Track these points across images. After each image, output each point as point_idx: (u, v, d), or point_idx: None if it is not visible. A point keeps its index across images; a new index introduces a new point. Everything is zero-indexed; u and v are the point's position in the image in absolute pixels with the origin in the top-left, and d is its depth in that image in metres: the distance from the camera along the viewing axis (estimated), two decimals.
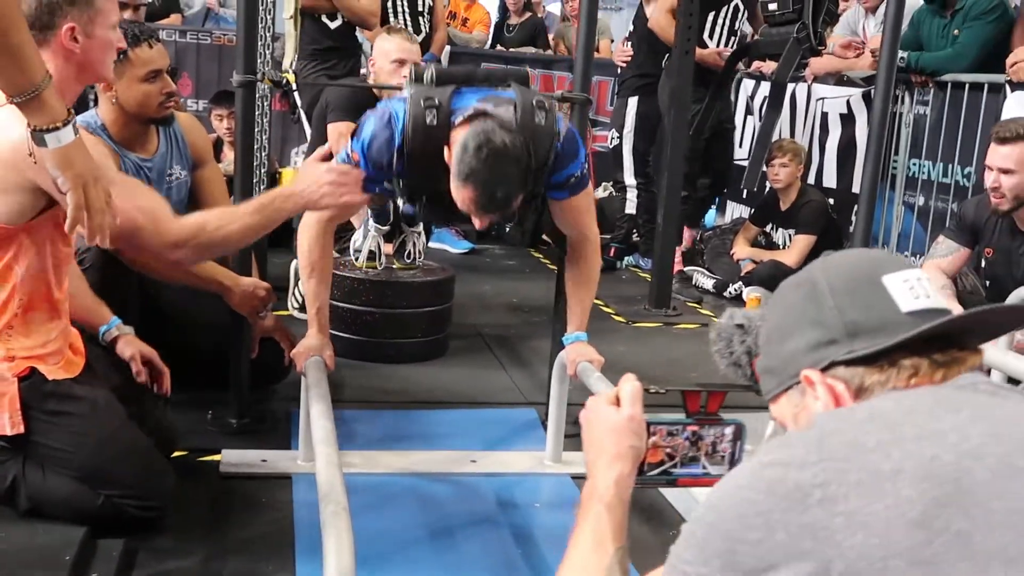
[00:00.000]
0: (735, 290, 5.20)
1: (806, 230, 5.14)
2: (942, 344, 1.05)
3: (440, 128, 2.44)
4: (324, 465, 1.77)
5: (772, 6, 3.62)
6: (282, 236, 4.98)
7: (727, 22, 4.95)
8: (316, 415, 2.09)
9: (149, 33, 2.81)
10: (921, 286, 1.08)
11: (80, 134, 1.58)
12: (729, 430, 1.45)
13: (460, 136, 2.37)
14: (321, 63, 4.96)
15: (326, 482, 1.71)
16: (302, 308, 4.11)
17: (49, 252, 2.15)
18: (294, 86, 3.03)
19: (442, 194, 2.43)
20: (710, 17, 4.83)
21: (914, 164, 5.19)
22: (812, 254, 5.03)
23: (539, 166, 2.43)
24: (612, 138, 5.66)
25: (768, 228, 5.52)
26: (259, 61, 2.91)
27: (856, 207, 4.95)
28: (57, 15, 2.14)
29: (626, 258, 5.83)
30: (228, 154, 5.21)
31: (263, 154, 3.58)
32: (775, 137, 5.20)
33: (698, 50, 4.62)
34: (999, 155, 3.27)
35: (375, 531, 2.31)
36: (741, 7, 4.98)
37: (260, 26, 2.89)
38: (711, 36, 4.93)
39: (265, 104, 3.43)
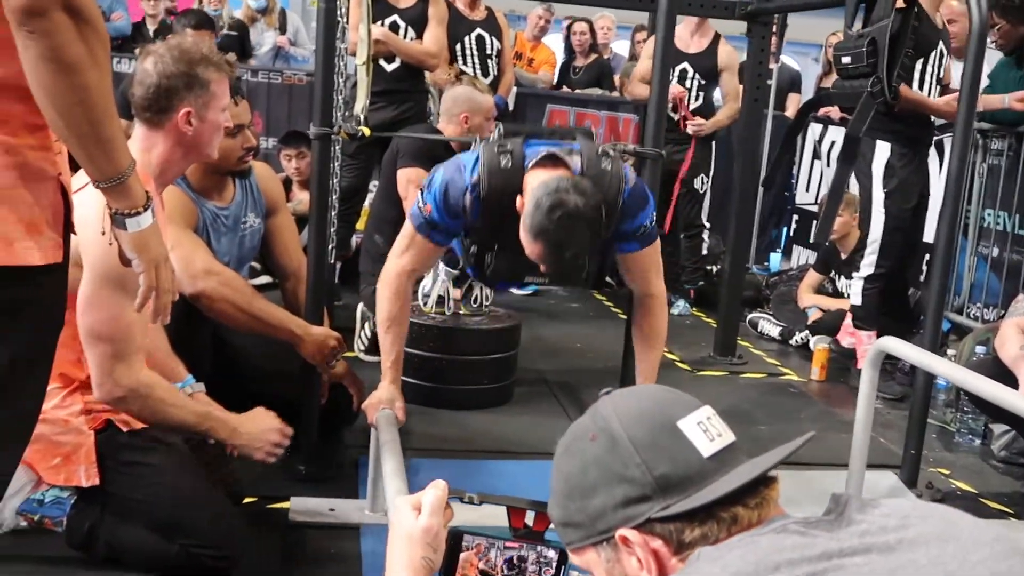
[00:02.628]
0: (802, 339, 5.14)
1: None
2: (749, 487, 1.08)
3: (515, 170, 2.48)
4: None
5: (845, 59, 3.57)
6: (349, 276, 5.05)
7: (935, 70, 4.21)
8: (389, 473, 2.09)
9: (236, 90, 2.86)
10: (712, 425, 1.12)
11: (156, 218, 1.61)
12: (553, 553, 1.37)
13: (534, 187, 2.40)
14: (370, 106, 4.96)
15: None
16: (368, 350, 4.18)
17: None
18: (368, 134, 3.05)
19: (514, 242, 2.46)
20: (918, 64, 4.12)
21: (988, 214, 5.10)
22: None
23: (608, 214, 2.44)
24: (703, 182, 5.65)
25: (832, 275, 5.44)
26: (335, 112, 2.95)
27: (928, 256, 4.90)
28: (175, 99, 2.23)
29: (680, 302, 5.78)
30: (297, 194, 5.28)
31: (335, 198, 3.63)
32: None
33: (930, 100, 4.16)
34: None
35: None
36: (945, 52, 4.29)
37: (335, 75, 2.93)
38: (920, 85, 4.18)
39: (337, 149, 3.48)
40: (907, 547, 1.01)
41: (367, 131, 3.00)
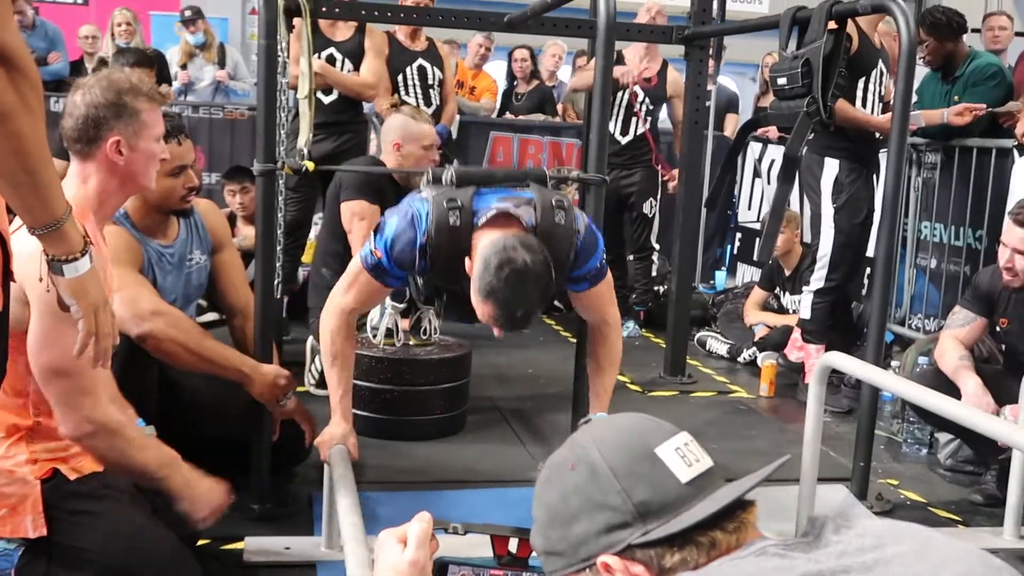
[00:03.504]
0: (749, 356, 5.19)
1: None
2: (727, 511, 1.10)
3: (463, 229, 2.48)
4: (355, 567, 1.76)
5: (781, 80, 3.64)
6: (297, 310, 5.01)
7: (877, 88, 4.31)
8: (344, 510, 2.09)
9: (179, 129, 2.85)
10: (690, 451, 1.14)
11: (94, 263, 1.59)
12: None
13: (482, 248, 2.40)
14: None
15: None
16: (319, 384, 4.15)
17: None
18: (311, 168, 3.04)
19: (463, 296, 2.46)
20: (860, 84, 4.24)
21: (925, 227, 5.22)
22: None
23: (559, 269, 2.45)
24: (652, 206, 5.72)
25: (777, 291, 5.52)
26: (278, 148, 2.94)
27: (869, 270, 5.00)
28: (103, 129, 2.21)
29: (630, 323, 5.83)
30: (242, 229, 5.24)
31: (281, 232, 3.61)
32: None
33: (870, 117, 4.26)
34: (1016, 236, 3.29)
35: None
36: (885, 71, 4.37)
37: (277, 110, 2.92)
38: (864, 104, 4.28)
39: (281, 184, 3.47)
40: (884, 566, 1.04)
41: (311, 165, 3.00)
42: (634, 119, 5.59)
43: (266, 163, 2.87)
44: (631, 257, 5.95)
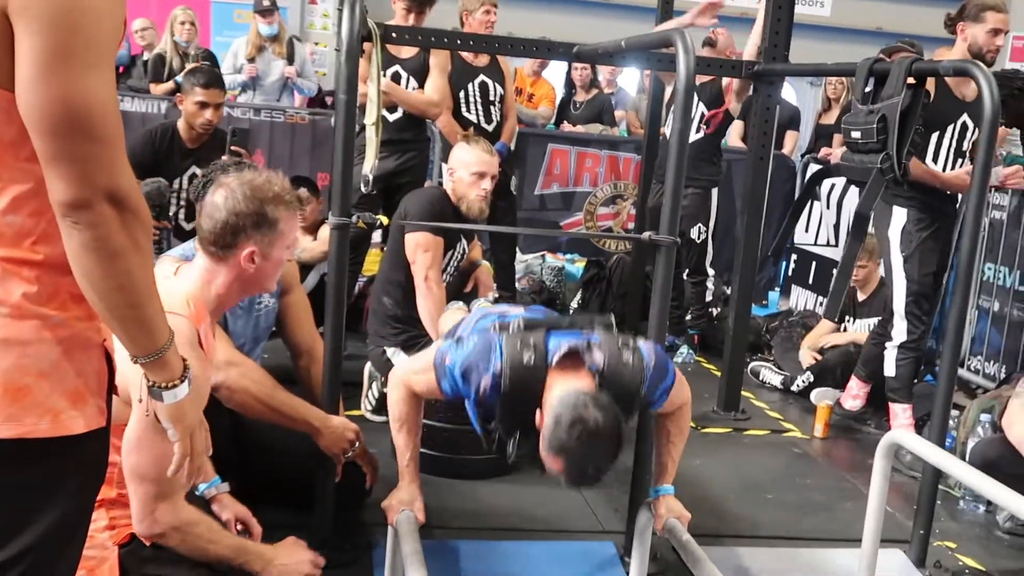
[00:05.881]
0: (803, 382, 5.11)
1: None
2: None
3: (537, 369, 2.47)
4: None
5: (855, 134, 3.57)
6: (352, 322, 5.02)
7: (953, 143, 4.22)
8: None
9: None
10: None
11: (192, 387, 1.61)
12: None
13: (553, 401, 2.38)
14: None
15: None
16: (375, 410, 4.18)
17: None
18: (385, 223, 3.05)
19: (532, 439, 2.45)
20: (934, 138, 4.17)
21: (988, 268, 5.14)
22: None
23: (629, 409, 2.47)
24: (700, 232, 5.70)
25: (846, 319, 5.42)
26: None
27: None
28: (240, 237, 2.25)
29: (684, 348, 5.81)
30: (301, 240, 5.26)
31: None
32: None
33: (939, 175, 4.16)
34: None
35: None
36: (970, 125, 4.23)
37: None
38: (935, 159, 4.20)
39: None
40: None
41: (385, 220, 3.00)
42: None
43: (340, 217, 2.87)
44: (685, 277, 5.90)
